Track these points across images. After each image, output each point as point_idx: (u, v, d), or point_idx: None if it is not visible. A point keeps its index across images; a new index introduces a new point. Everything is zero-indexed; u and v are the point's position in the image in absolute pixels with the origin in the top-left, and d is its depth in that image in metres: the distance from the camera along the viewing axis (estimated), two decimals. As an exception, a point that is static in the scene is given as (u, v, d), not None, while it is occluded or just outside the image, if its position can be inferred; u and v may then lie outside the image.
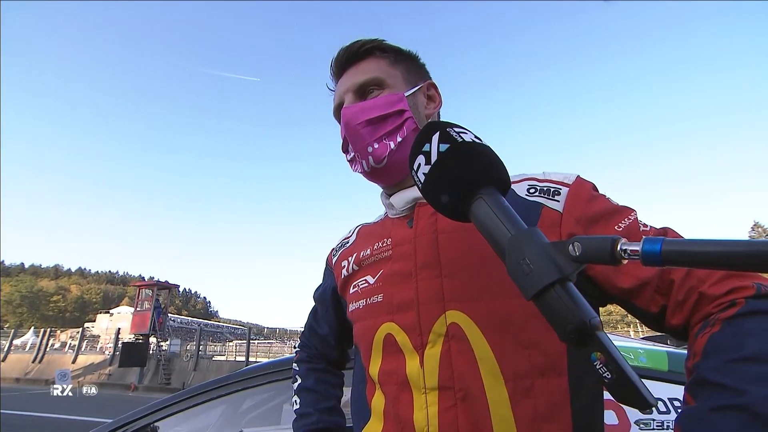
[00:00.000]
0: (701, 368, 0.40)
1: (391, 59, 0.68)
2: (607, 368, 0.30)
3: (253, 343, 19.69)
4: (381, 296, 0.60)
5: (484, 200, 0.39)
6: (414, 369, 0.54)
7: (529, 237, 0.34)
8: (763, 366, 0.36)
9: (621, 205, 0.55)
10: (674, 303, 0.46)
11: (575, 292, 0.32)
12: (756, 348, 0.37)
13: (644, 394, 0.29)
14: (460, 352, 0.52)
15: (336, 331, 0.78)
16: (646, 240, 0.28)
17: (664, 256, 0.27)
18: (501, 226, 0.36)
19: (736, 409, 0.35)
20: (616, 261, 0.29)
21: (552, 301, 0.32)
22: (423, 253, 0.58)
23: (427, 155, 0.43)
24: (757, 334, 0.39)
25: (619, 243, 0.29)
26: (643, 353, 1.41)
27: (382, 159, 0.63)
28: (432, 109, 0.69)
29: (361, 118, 0.63)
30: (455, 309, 0.53)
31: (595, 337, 0.30)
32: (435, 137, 0.43)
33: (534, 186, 0.58)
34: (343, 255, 0.72)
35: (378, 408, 0.59)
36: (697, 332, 0.43)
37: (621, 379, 0.29)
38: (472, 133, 0.44)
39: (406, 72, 0.68)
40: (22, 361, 20.92)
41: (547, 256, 0.32)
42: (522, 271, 0.33)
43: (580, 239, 0.31)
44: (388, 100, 0.64)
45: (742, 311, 0.41)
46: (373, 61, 0.67)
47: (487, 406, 0.49)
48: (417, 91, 0.67)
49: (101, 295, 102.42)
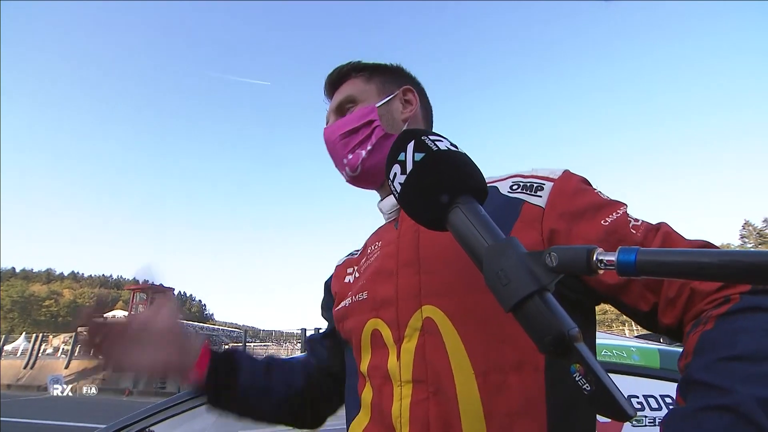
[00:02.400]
0: (691, 367, 0.39)
1: (366, 76, 0.75)
2: (587, 380, 0.29)
3: (249, 346, 19.64)
4: (366, 293, 0.63)
5: (461, 209, 0.38)
6: (393, 362, 0.55)
7: (506, 247, 0.34)
8: (754, 365, 0.35)
9: (611, 199, 0.54)
10: (665, 300, 0.45)
11: (554, 302, 0.32)
12: (748, 346, 0.36)
13: (622, 404, 0.28)
14: (434, 346, 0.52)
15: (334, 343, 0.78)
16: (621, 250, 0.28)
17: (639, 267, 0.27)
18: (478, 236, 0.36)
19: (723, 409, 0.34)
20: (592, 271, 0.29)
21: (530, 312, 0.31)
22: (405, 251, 0.60)
23: (402, 164, 0.42)
24: (751, 331, 0.37)
25: (595, 253, 0.29)
26: (636, 351, 1.42)
27: (356, 167, 0.70)
28: (409, 112, 0.73)
29: (336, 134, 0.71)
30: (430, 304, 0.54)
31: (574, 349, 0.30)
32: (410, 146, 0.42)
33: (517, 182, 0.58)
34: (348, 263, 0.77)
35: (366, 401, 0.60)
36: (689, 330, 0.42)
37: (600, 391, 0.29)
38: (447, 141, 0.44)
39: (380, 84, 0.74)
40: (14, 367, 20.64)
41: (525, 267, 0.32)
42: (500, 282, 0.33)
43: (557, 249, 0.31)
44: (359, 113, 0.70)
45: (736, 308, 0.39)
46: (350, 83, 0.75)
47: (456, 401, 0.49)
48: (392, 99, 0.73)
49: (95, 300, 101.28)
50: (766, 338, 0.36)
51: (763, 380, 0.34)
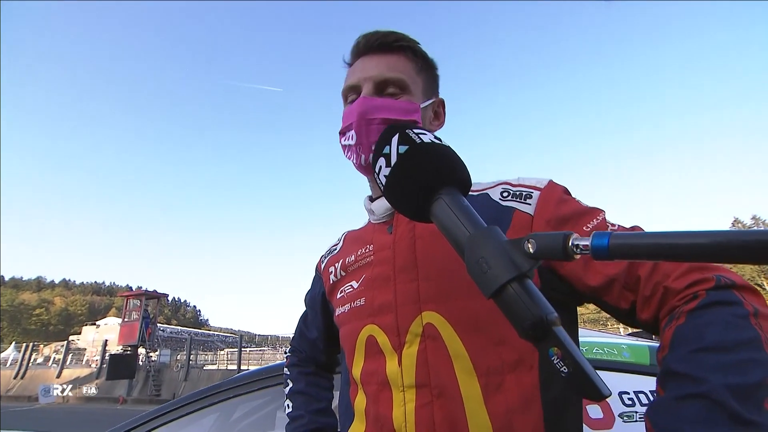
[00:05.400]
0: (668, 360, 0.42)
1: (419, 65, 0.67)
2: (564, 362, 0.30)
3: (244, 351, 19.48)
4: (363, 300, 0.62)
5: (444, 200, 0.39)
6: (393, 368, 0.56)
7: (487, 236, 0.35)
8: (721, 355, 0.38)
9: (590, 207, 0.57)
10: (642, 298, 0.48)
11: (533, 288, 0.33)
12: (715, 338, 0.39)
13: (597, 385, 0.29)
14: (436, 350, 0.54)
15: (325, 335, 0.80)
16: (595, 235, 0.29)
17: (611, 250, 0.28)
18: (460, 226, 0.37)
19: (697, 397, 0.37)
20: (568, 256, 0.30)
21: (510, 298, 0.32)
22: (401, 257, 0.60)
23: (387, 157, 0.43)
24: (716, 324, 0.41)
25: (571, 238, 0.30)
26: (626, 348, 1.44)
27: None
28: (436, 126, 0.70)
29: (379, 115, 0.61)
30: (430, 310, 0.55)
31: (552, 333, 0.31)
32: (394, 139, 0.44)
33: (507, 190, 0.60)
34: (331, 261, 0.75)
35: (360, 408, 0.60)
36: (665, 326, 0.45)
37: (577, 373, 0.30)
38: (431, 134, 0.45)
39: (425, 83, 0.68)
40: (4, 377, 20.24)
41: (504, 254, 0.33)
42: (480, 269, 0.34)
43: (535, 236, 0.32)
44: (407, 107, 0.63)
45: (702, 303, 0.43)
46: (403, 61, 0.65)
47: (462, 402, 0.51)
48: (429, 105, 0.68)
49: (87, 307, 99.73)
50: (728, 330, 0.40)
51: (730, 369, 0.37)
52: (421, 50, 0.68)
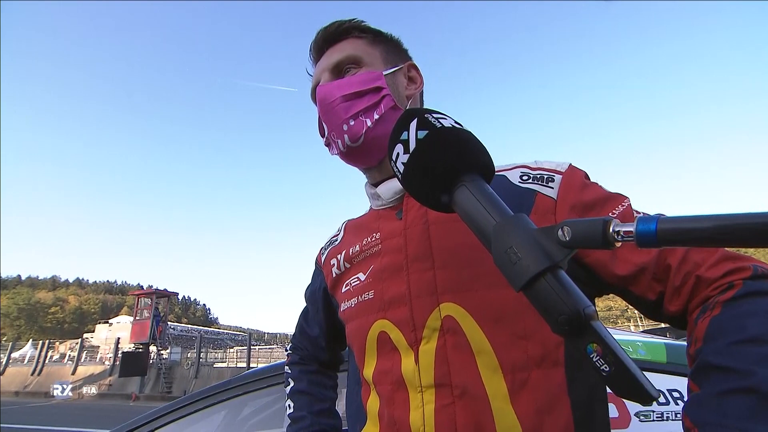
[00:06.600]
0: (704, 353, 0.39)
1: (370, 39, 0.66)
2: (605, 360, 0.27)
3: (254, 348, 19.67)
4: (372, 293, 0.58)
5: (467, 187, 0.36)
6: (409, 367, 0.51)
7: (516, 224, 0.32)
8: (766, 347, 0.36)
9: (614, 192, 0.54)
10: (672, 289, 0.45)
11: (567, 280, 0.30)
12: (758, 329, 0.37)
13: (646, 387, 0.26)
14: (456, 346, 0.49)
15: (327, 332, 0.76)
16: (640, 219, 0.26)
17: (660, 236, 0.25)
18: (485, 214, 0.34)
19: (744, 391, 0.34)
20: (609, 244, 0.27)
21: (542, 291, 0.29)
22: (414, 245, 0.55)
23: (405, 144, 0.40)
24: (758, 314, 0.38)
25: (612, 224, 0.27)
26: (642, 345, 1.40)
27: (359, 137, 0.60)
28: (413, 89, 0.67)
29: (336, 95, 0.60)
30: (449, 301, 0.51)
31: (590, 328, 0.28)
32: (413, 124, 0.40)
33: (527, 173, 0.57)
34: (332, 253, 0.70)
35: (373, 410, 0.56)
36: (697, 317, 0.43)
37: (620, 372, 0.27)
38: (452, 119, 0.41)
39: (385, 52, 0.66)
40: (21, 374, 20.77)
41: (535, 243, 0.30)
42: (509, 260, 0.31)
43: (570, 223, 0.29)
44: (365, 77, 0.62)
45: (740, 293, 0.40)
46: (351, 41, 0.65)
47: (488, 401, 0.47)
48: (397, 71, 0.65)
49: (100, 305, 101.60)
50: None
51: None
52: (367, 26, 0.67)
